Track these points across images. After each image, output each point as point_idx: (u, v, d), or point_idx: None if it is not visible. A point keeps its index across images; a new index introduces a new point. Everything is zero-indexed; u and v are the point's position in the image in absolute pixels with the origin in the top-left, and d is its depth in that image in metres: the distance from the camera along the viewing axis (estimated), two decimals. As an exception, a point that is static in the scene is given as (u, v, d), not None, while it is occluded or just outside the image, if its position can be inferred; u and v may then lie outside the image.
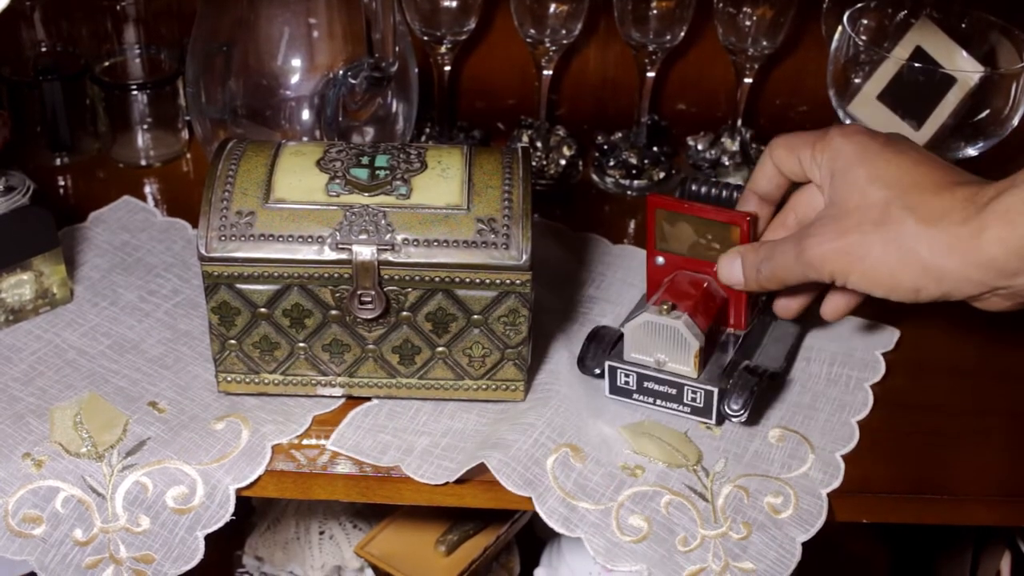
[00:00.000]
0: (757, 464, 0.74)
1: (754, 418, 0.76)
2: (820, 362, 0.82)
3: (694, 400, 0.74)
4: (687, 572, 0.70)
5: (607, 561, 0.70)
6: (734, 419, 0.73)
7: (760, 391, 0.73)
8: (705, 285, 0.75)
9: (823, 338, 0.83)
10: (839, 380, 0.80)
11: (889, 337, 0.84)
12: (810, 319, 0.81)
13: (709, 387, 0.73)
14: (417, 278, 0.70)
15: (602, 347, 0.76)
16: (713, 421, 0.74)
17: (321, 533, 1.05)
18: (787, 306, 0.77)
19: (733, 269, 0.73)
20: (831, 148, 0.68)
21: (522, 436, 0.72)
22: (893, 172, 0.65)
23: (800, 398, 0.79)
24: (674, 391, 0.74)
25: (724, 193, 0.78)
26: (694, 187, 0.78)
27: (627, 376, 0.75)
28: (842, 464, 0.74)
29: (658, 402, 0.75)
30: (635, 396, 0.76)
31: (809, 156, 0.70)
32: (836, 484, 0.73)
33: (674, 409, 0.75)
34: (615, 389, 0.76)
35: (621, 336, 0.76)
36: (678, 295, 0.74)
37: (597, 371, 0.77)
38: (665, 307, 0.73)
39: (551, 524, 0.70)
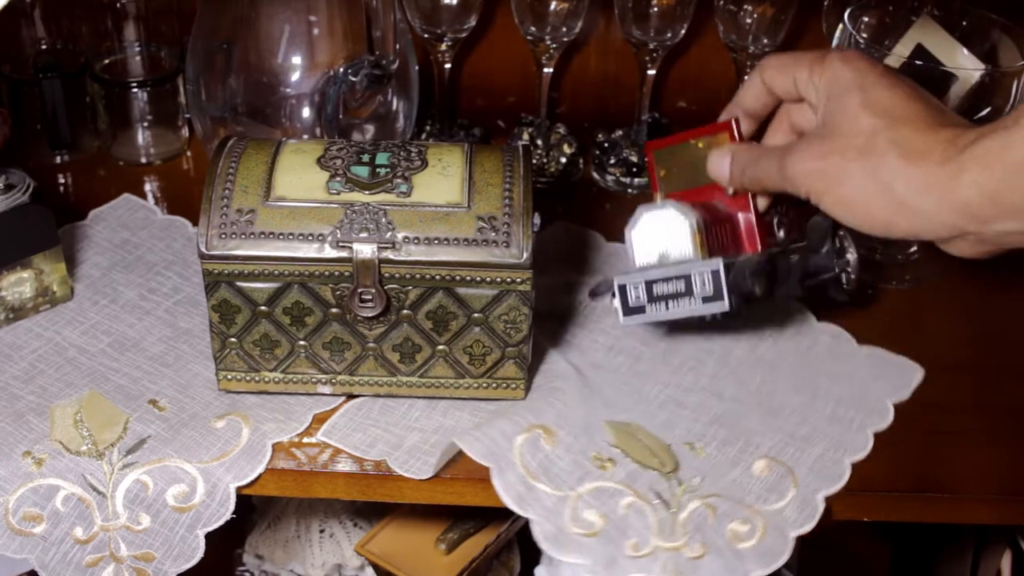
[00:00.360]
0: (733, 491, 0.72)
1: (747, 436, 0.75)
2: (827, 400, 0.79)
3: (703, 286, 0.70)
4: None
5: (552, 549, 0.69)
6: (742, 297, 0.70)
7: (771, 271, 0.70)
8: (709, 202, 0.74)
9: (837, 379, 0.80)
10: (842, 420, 0.77)
11: (906, 386, 0.80)
12: (823, 361, 0.81)
13: (714, 264, 0.70)
14: (418, 276, 0.70)
15: (611, 278, 0.74)
16: (726, 303, 0.70)
17: (321, 531, 1.05)
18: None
19: (722, 164, 0.74)
20: (830, 70, 0.68)
21: (496, 416, 0.73)
22: (886, 102, 0.65)
23: (797, 429, 0.76)
24: (682, 285, 0.71)
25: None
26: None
27: (636, 288, 0.72)
28: (821, 507, 0.71)
29: (671, 305, 0.72)
30: (648, 309, 0.72)
31: (806, 77, 0.69)
32: (808, 527, 0.71)
33: (687, 307, 0.71)
34: (628, 311, 0.73)
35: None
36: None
37: (605, 291, 0.75)
38: (658, 199, 0.72)
39: (505, 499, 0.69)
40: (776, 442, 0.75)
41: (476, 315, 0.71)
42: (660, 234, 0.72)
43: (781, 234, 0.76)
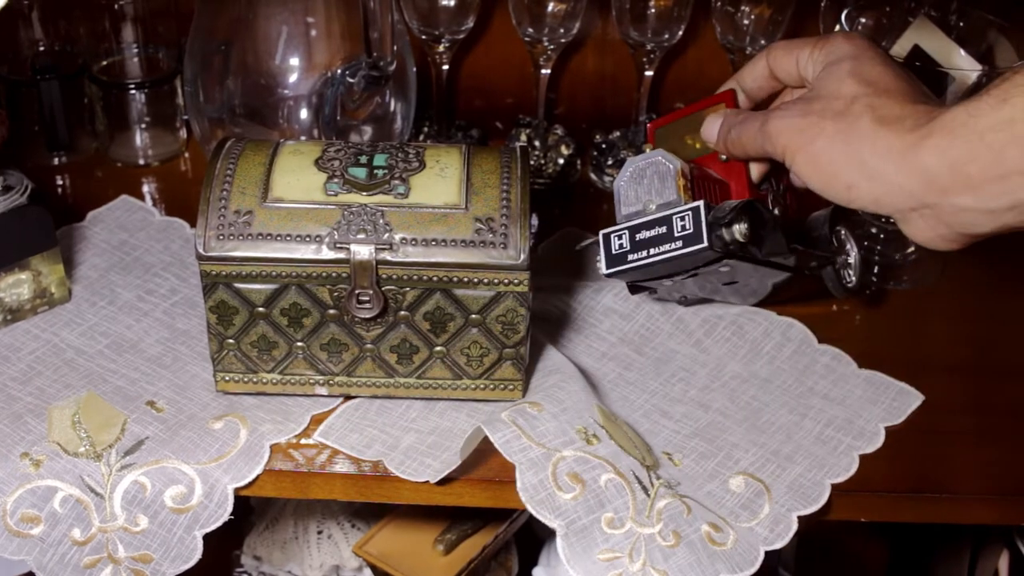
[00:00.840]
0: (707, 503, 0.72)
1: (727, 452, 0.75)
2: (816, 421, 0.78)
3: (683, 228, 0.70)
4: (602, 554, 0.69)
5: (529, 503, 0.69)
6: (724, 237, 0.69)
7: (754, 215, 0.69)
8: (703, 167, 0.75)
9: (831, 401, 0.80)
10: (829, 442, 0.76)
11: (902, 410, 0.79)
12: (818, 380, 0.81)
13: (693, 204, 0.70)
14: (415, 277, 0.70)
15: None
16: (704, 242, 0.69)
17: (319, 532, 1.05)
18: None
19: (712, 126, 0.74)
20: (831, 45, 0.69)
21: (487, 404, 0.74)
22: (874, 73, 0.66)
23: (781, 447, 0.76)
24: (663, 229, 0.71)
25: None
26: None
27: (620, 237, 0.73)
28: (794, 526, 0.71)
29: (651, 251, 0.71)
30: (631, 257, 0.72)
31: (807, 54, 0.71)
32: (779, 544, 0.71)
33: (668, 251, 0.70)
34: (611, 261, 0.73)
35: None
36: None
37: (588, 242, 0.76)
38: (647, 148, 0.73)
39: (494, 440, 0.70)
40: (756, 458, 0.75)
41: (474, 316, 0.71)
42: (646, 180, 0.72)
43: (776, 212, 0.76)
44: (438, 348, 0.73)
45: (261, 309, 0.71)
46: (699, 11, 0.98)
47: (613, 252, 0.73)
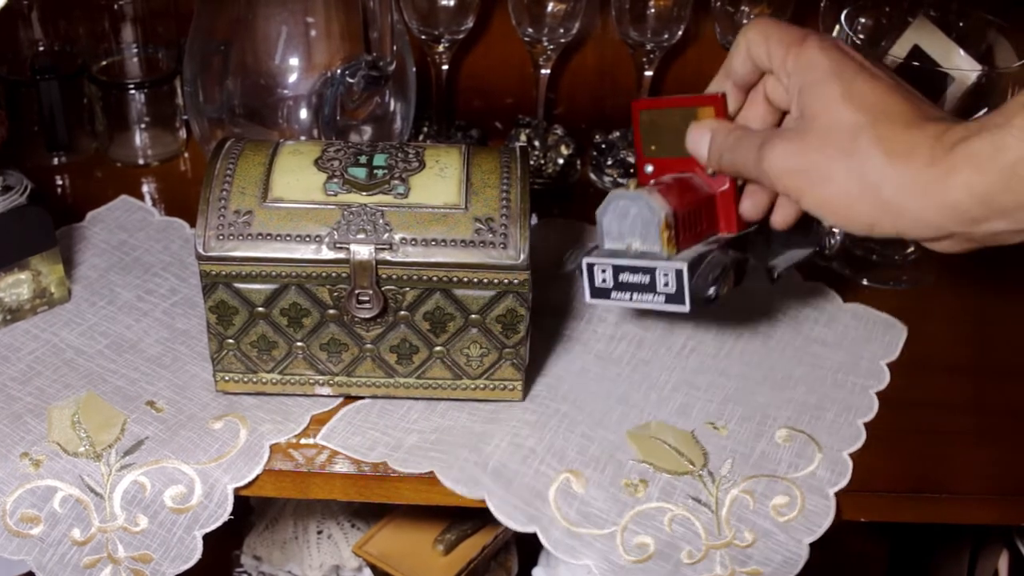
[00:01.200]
0: (764, 464, 0.73)
1: (764, 410, 0.76)
2: (825, 368, 0.82)
3: (666, 285, 0.70)
4: None
5: None
6: (704, 298, 0.69)
7: (736, 272, 0.70)
8: (688, 179, 0.73)
9: (829, 345, 0.84)
10: (844, 385, 0.81)
11: (894, 344, 0.84)
12: (812, 325, 0.82)
13: (678, 265, 0.68)
14: (415, 277, 0.70)
15: (584, 251, 0.73)
16: (686, 306, 0.69)
17: (319, 532, 1.05)
18: (752, 208, 0.72)
19: (701, 142, 0.71)
20: (807, 58, 0.66)
21: (522, 466, 0.72)
22: (868, 95, 0.63)
23: (807, 398, 0.79)
24: (647, 279, 0.70)
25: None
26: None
27: (603, 271, 0.72)
28: (850, 463, 0.74)
29: (634, 296, 0.71)
30: (613, 295, 0.72)
31: (781, 59, 0.67)
32: (844, 483, 0.73)
33: (649, 301, 0.71)
34: (594, 292, 0.73)
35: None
36: (654, 183, 0.72)
37: (571, 267, 0.74)
38: (631, 184, 0.70)
39: (557, 554, 0.70)
40: (791, 412, 0.78)
41: (473, 316, 0.71)
42: (629, 222, 0.71)
43: (734, 226, 0.74)
44: (438, 348, 0.73)
45: (261, 309, 0.71)
46: (699, 11, 0.98)
47: (596, 285, 0.73)
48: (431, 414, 0.75)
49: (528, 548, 1.07)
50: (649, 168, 0.75)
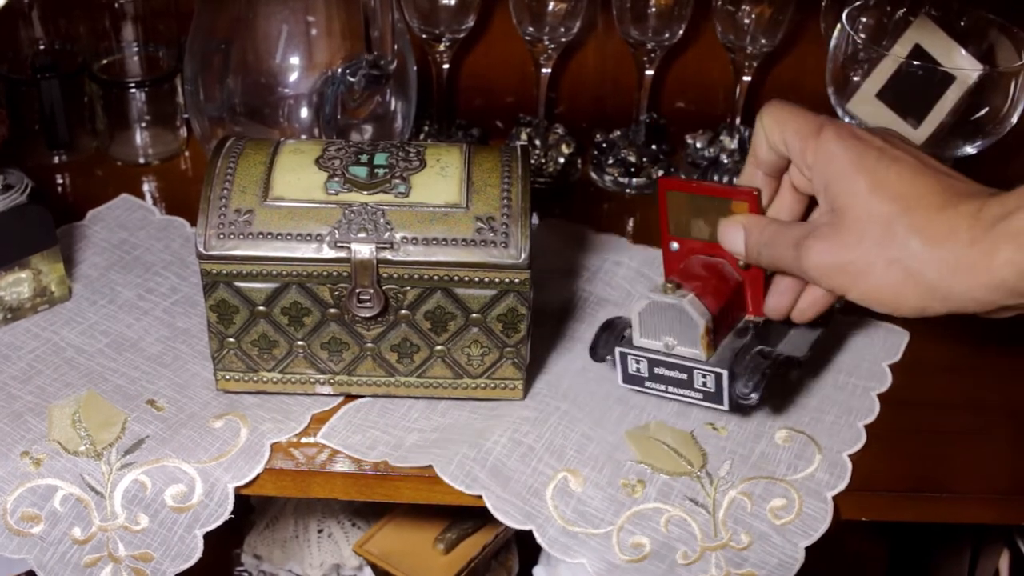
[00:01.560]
0: (763, 466, 0.73)
1: (764, 412, 0.76)
2: (826, 370, 0.81)
3: (704, 385, 0.72)
4: None
5: None
6: (744, 403, 0.71)
7: (772, 375, 0.71)
8: (718, 267, 0.73)
9: (830, 349, 0.83)
10: (845, 387, 0.80)
11: (896, 347, 0.84)
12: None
13: (718, 369, 0.71)
14: (416, 276, 0.70)
15: (614, 335, 0.75)
16: (725, 406, 0.72)
17: (320, 531, 1.05)
18: (777, 307, 0.73)
19: (736, 239, 0.71)
20: (825, 152, 0.66)
21: (521, 464, 0.72)
22: (895, 183, 0.63)
23: (807, 400, 0.79)
24: (684, 376, 0.72)
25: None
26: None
27: (638, 363, 0.74)
28: (849, 465, 0.74)
29: (670, 389, 0.74)
30: (647, 384, 0.74)
31: (799, 152, 0.67)
32: (842, 486, 0.73)
33: (686, 396, 0.73)
34: (628, 377, 0.75)
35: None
36: (686, 276, 0.73)
37: (607, 358, 0.75)
38: (670, 286, 0.71)
39: (553, 553, 0.70)
40: (790, 413, 0.77)
41: (474, 315, 0.71)
42: (667, 319, 0.72)
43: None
44: (439, 347, 0.73)
45: (262, 308, 0.71)
46: (699, 10, 0.97)
47: (630, 372, 0.75)
48: (432, 413, 0.75)
49: (529, 547, 1.07)
50: (675, 246, 0.75)
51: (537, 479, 0.72)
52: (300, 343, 0.73)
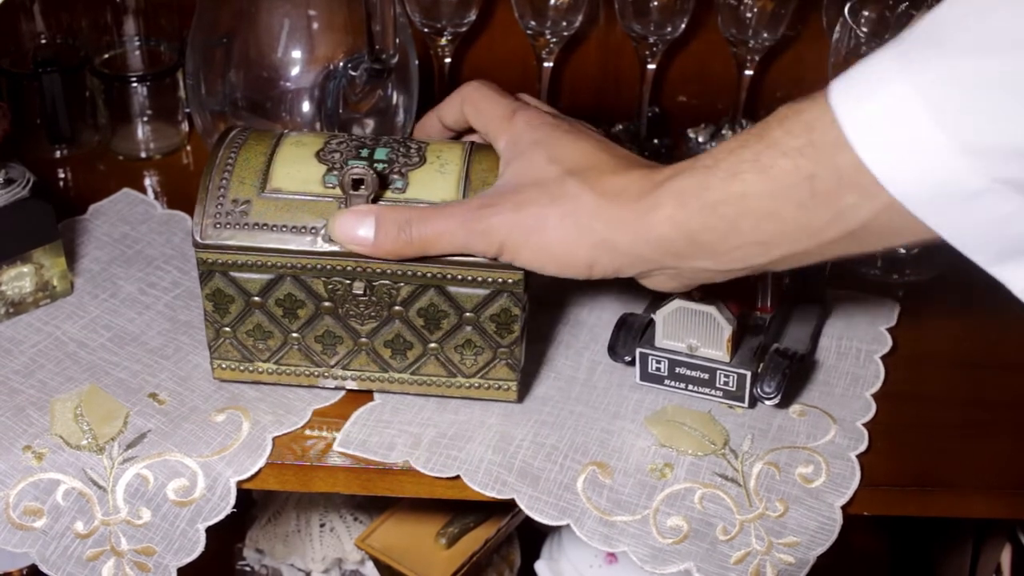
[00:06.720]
0: (783, 437, 0.74)
1: (783, 399, 0.77)
2: (828, 336, 0.83)
3: (727, 384, 0.74)
4: (734, 559, 0.71)
5: (655, 567, 0.71)
6: (767, 402, 0.74)
7: (792, 373, 0.74)
8: None
9: (828, 323, 0.84)
10: (849, 353, 0.81)
11: (890, 313, 0.86)
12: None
13: (742, 371, 0.73)
14: (409, 273, 0.70)
15: (632, 334, 0.76)
16: (746, 404, 0.75)
17: (322, 526, 1.05)
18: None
19: (357, 226, 0.67)
20: (512, 134, 0.68)
21: (547, 463, 0.72)
22: (572, 154, 0.65)
23: (814, 375, 0.80)
24: (707, 376, 0.75)
25: None
26: None
27: (659, 363, 0.75)
28: (865, 432, 0.75)
29: (690, 387, 0.76)
30: (666, 382, 0.76)
31: (495, 138, 0.70)
32: (863, 448, 0.74)
33: (706, 393, 0.75)
34: (646, 376, 0.76)
35: (650, 323, 0.76)
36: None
37: (628, 359, 0.77)
38: (696, 292, 0.72)
39: (593, 544, 0.71)
40: (799, 388, 0.78)
41: (468, 315, 0.71)
42: (691, 323, 0.73)
43: (768, 304, 0.78)
44: (432, 345, 0.72)
45: (256, 299, 0.71)
46: (702, 4, 0.97)
47: (649, 371, 0.76)
48: (444, 411, 0.75)
49: (531, 542, 1.07)
50: None
51: (566, 475, 0.72)
52: (295, 335, 0.73)
